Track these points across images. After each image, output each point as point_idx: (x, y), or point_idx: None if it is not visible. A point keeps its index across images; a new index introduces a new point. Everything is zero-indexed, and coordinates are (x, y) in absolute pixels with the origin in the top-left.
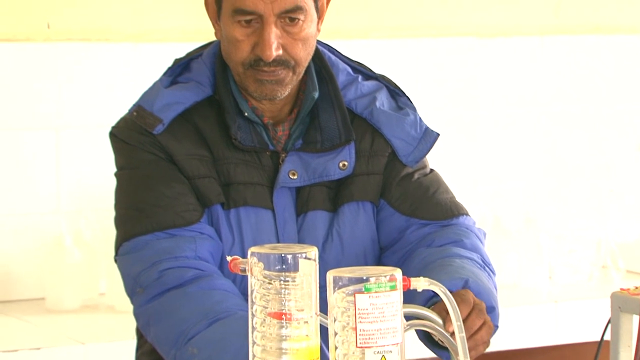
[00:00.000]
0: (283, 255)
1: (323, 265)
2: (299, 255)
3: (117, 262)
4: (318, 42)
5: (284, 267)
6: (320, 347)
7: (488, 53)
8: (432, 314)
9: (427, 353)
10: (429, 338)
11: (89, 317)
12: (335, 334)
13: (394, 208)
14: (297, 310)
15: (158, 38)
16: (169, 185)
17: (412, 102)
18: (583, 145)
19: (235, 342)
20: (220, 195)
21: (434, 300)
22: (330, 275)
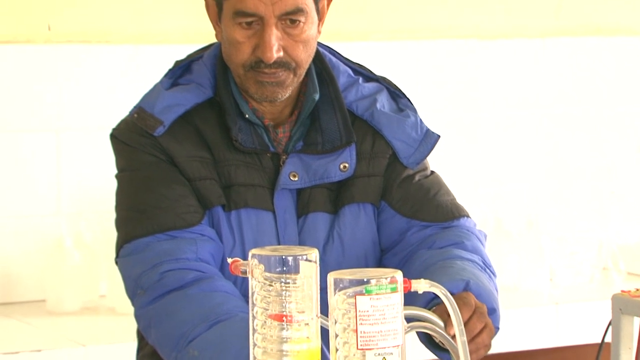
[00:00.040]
0: (284, 257)
1: (324, 267)
2: (300, 257)
3: (117, 264)
4: (319, 44)
5: (285, 269)
6: (321, 349)
7: (489, 55)
8: (433, 316)
9: (428, 355)
10: (430, 340)
11: (90, 319)
12: (336, 336)
13: (395, 210)
14: (297, 312)
15: (158, 40)
16: (170, 187)
17: (412, 103)
18: (584, 147)
19: (236, 344)
20: (221, 197)
21: (435, 302)
22: (331, 277)
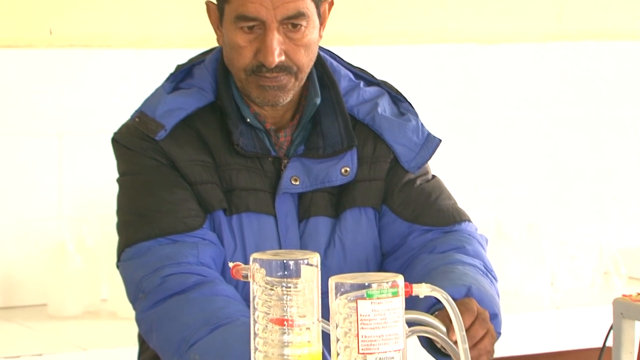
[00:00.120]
0: (285, 262)
1: (325, 272)
2: (301, 262)
3: (119, 268)
4: (320, 48)
5: (286, 273)
6: (322, 353)
7: (490, 59)
8: (435, 321)
9: None
10: (431, 345)
11: (91, 323)
12: (337, 340)
13: (396, 214)
14: (299, 317)
15: (160, 44)
16: (171, 191)
17: (413, 108)
18: (585, 150)
19: (237, 348)
20: (223, 201)
21: (437, 308)
22: (332, 282)
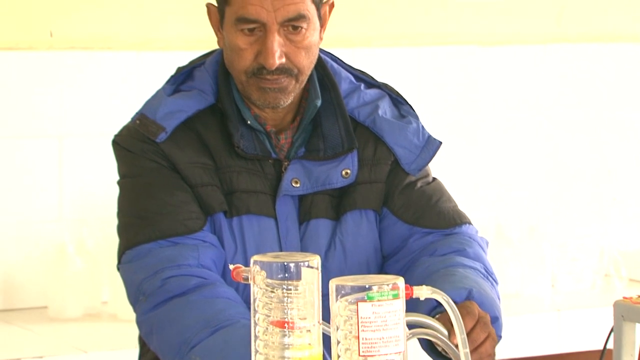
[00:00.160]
0: (285, 264)
1: (326, 274)
2: (302, 264)
3: (119, 270)
4: (320, 50)
5: (287, 275)
6: (323, 355)
7: (490, 61)
8: (436, 324)
9: None
10: (432, 347)
11: (92, 325)
12: (338, 343)
13: (397, 216)
14: (299, 319)
15: (160, 46)
16: (172, 193)
17: (414, 110)
18: (585, 152)
19: (238, 350)
20: (223, 204)
21: (438, 311)
22: (333, 284)
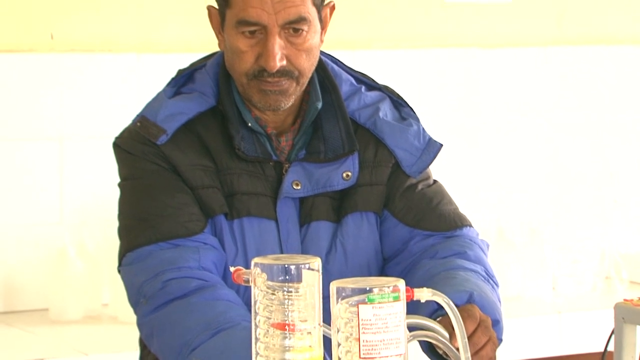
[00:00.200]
0: (286, 266)
1: (327, 276)
2: (302, 266)
3: (120, 272)
4: (321, 52)
5: (287, 277)
6: (324, 357)
7: (491, 63)
8: (437, 326)
9: None
10: (432, 350)
11: (92, 327)
12: (339, 345)
13: (398, 219)
14: (300, 321)
15: (161, 49)
16: (173, 196)
17: (415, 112)
18: (586, 155)
19: (239, 352)
20: (224, 206)
21: (439, 314)
22: (334, 286)
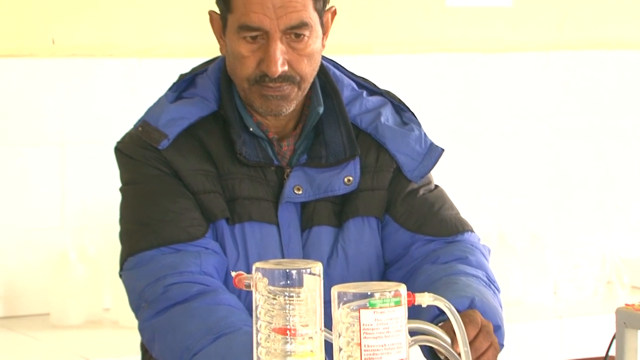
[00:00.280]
0: (287, 271)
1: (328, 281)
2: (304, 271)
3: (122, 277)
4: (323, 57)
5: (289, 282)
6: None
7: (493, 68)
8: (439, 331)
9: None
10: (434, 355)
11: (94, 332)
12: (340, 350)
13: (399, 224)
14: (301, 326)
15: (162, 54)
16: (174, 200)
17: (416, 117)
18: (587, 159)
19: (240, 357)
20: (225, 211)
21: (440, 319)
22: (335, 291)
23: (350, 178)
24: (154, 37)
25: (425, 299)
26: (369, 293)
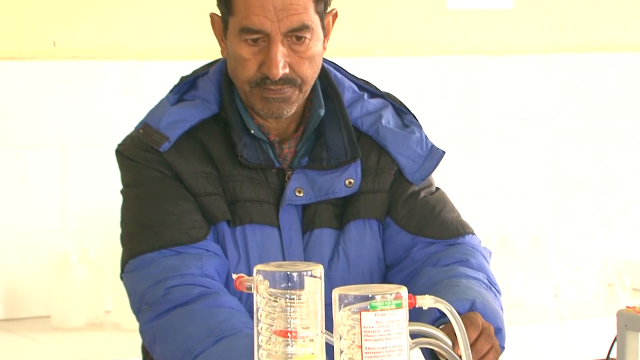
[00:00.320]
0: (289, 273)
1: (329, 283)
2: (305, 273)
3: (123, 279)
4: (324, 60)
5: (290, 284)
6: None
7: (493, 71)
8: (440, 334)
9: None
10: (435, 357)
11: (95, 335)
12: (341, 352)
13: (400, 226)
14: (302, 328)
15: (163, 56)
16: (175, 203)
17: (417, 120)
18: (588, 161)
19: None
20: (226, 213)
21: (441, 322)
22: (336, 293)
23: (352, 180)
24: (155, 39)
25: (426, 302)
26: (370, 295)
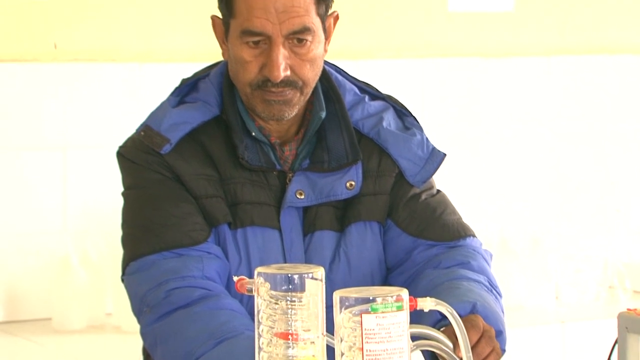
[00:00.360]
0: (290, 276)
1: (330, 286)
2: (306, 276)
3: (124, 281)
4: (325, 62)
5: (291, 287)
6: None
7: (495, 73)
8: (441, 336)
9: None
10: None
11: (96, 337)
12: (342, 354)
13: (401, 229)
14: (303, 331)
15: (164, 58)
16: (176, 205)
17: (418, 122)
18: (588, 164)
19: None
20: (227, 215)
21: (442, 324)
22: (337, 295)
23: (353, 183)
24: (156, 41)
25: (427, 304)
26: (371, 298)
